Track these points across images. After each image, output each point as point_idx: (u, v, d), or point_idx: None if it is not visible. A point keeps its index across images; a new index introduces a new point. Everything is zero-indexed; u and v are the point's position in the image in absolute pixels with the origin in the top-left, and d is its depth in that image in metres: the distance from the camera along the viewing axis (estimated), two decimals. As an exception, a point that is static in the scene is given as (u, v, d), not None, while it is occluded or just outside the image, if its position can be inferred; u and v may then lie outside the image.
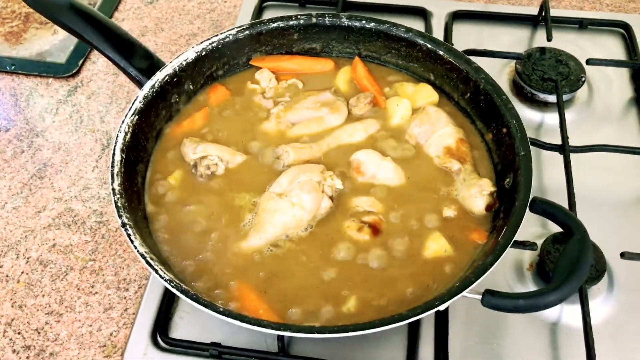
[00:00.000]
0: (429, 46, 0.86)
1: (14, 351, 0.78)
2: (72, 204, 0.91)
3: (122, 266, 0.85)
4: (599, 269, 0.79)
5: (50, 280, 0.84)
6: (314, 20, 0.89)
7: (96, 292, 0.83)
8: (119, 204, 0.69)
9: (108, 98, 1.04)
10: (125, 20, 1.17)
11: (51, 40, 1.12)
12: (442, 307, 0.62)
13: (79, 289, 0.83)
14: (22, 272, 0.85)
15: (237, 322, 0.60)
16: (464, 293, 0.63)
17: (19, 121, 1.01)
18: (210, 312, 0.61)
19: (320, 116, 0.86)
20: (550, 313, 0.78)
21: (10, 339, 0.79)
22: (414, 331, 0.76)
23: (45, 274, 0.85)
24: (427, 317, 0.76)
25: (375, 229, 0.75)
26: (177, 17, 1.18)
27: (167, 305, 0.78)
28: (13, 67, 1.08)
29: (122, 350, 0.76)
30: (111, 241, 0.87)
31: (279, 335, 0.71)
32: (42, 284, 0.84)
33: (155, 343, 0.76)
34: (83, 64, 1.08)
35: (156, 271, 0.64)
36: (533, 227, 0.85)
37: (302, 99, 0.88)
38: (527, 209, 0.70)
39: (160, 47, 1.13)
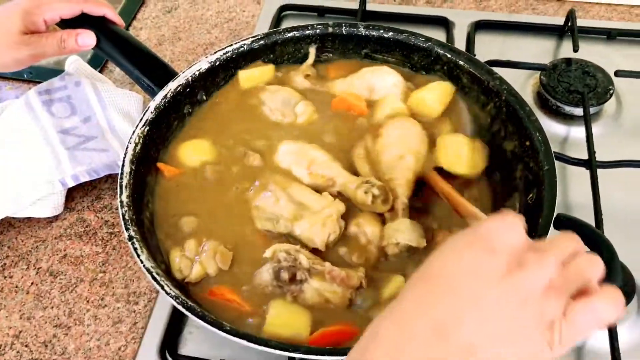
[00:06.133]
0: (449, 56, 0.83)
1: (20, 364, 0.76)
2: (84, 214, 0.90)
3: (133, 279, 0.83)
4: (627, 291, 0.75)
5: (59, 292, 0.83)
6: (330, 29, 0.87)
7: (105, 305, 0.81)
8: (126, 217, 0.67)
9: (123, 107, 1.03)
10: (143, 29, 1.17)
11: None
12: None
13: (88, 301, 0.82)
14: (32, 283, 0.84)
15: (244, 342, 0.58)
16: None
17: (35, 130, 1.00)
18: (216, 330, 0.59)
19: None
20: (575, 336, 0.74)
21: (18, 352, 0.77)
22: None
23: (55, 285, 0.83)
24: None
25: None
26: (195, 26, 1.17)
27: (176, 320, 0.77)
28: (30, 75, 1.08)
29: (130, 366, 0.75)
30: (122, 252, 0.86)
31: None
32: (52, 295, 0.82)
33: (164, 359, 0.74)
34: (100, 73, 1.07)
35: (162, 287, 0.62)
36: (558, 246, 0.81)
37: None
38: (552, 226, 0.66)
39: (177, 56, 1.12)
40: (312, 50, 0.88)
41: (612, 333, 0.71)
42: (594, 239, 0.65)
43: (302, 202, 0.71)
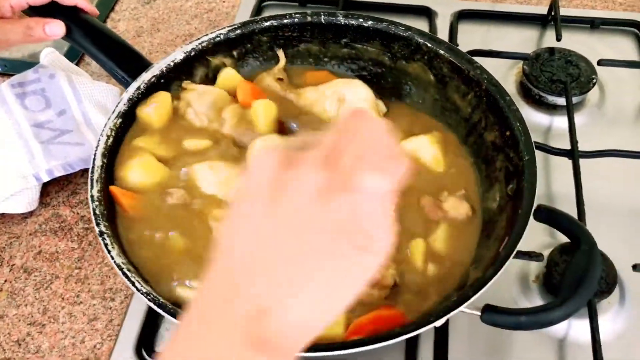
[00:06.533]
0: (429, 45, 0.82)
1: (-7, 363, 0.75)
2: (59, 209, 0.88)
3: (109, 275, 0.82)
4: (609, 281, 0.74)
5: (34, 289, 0.81)
6: (308, 18, 0.85)
7: (81, 302, 0.79)
8: (97, 212, 0.65)
9: (100, 100, 1.01)
10: (122, 21, 1.14)
11: (45, 41, 1.10)
12: (437, 324, 0.58)
13: (63, 298, 0.80)
14: (5, 281, 0.82)
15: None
16: (462, 308, 0.59)
17: (9, 124, 0.98)
18: (189, 327, 0.57)
19: None
20: (558, 328, 0.73)
21: (-10, 351, 0.76)
22: (411, 348, 0.71)
23: (29, 282, 0.82)
24: (426, 333, 0.72)
25: None
26: (174, 17, 1.15)
27: (152, 317, 0.75)
28: (5, 68, 1.05)
29: (105, 364, 0.73)
30: (98, 248, 0.84)
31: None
32: (26, 292, 0.81)
33: (140, 356, 0.73)
34: (77, 65, 1.05)
35: (133, 283, 0.60)
36: (541, 237, 0.80)
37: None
38: (532, 217, 0.65)
39: (156, 47, 1.10)
40: (281, 54, 0.85)
41: (593, 324, 0.70)
42: (574, 229, 0.64)
43: None
